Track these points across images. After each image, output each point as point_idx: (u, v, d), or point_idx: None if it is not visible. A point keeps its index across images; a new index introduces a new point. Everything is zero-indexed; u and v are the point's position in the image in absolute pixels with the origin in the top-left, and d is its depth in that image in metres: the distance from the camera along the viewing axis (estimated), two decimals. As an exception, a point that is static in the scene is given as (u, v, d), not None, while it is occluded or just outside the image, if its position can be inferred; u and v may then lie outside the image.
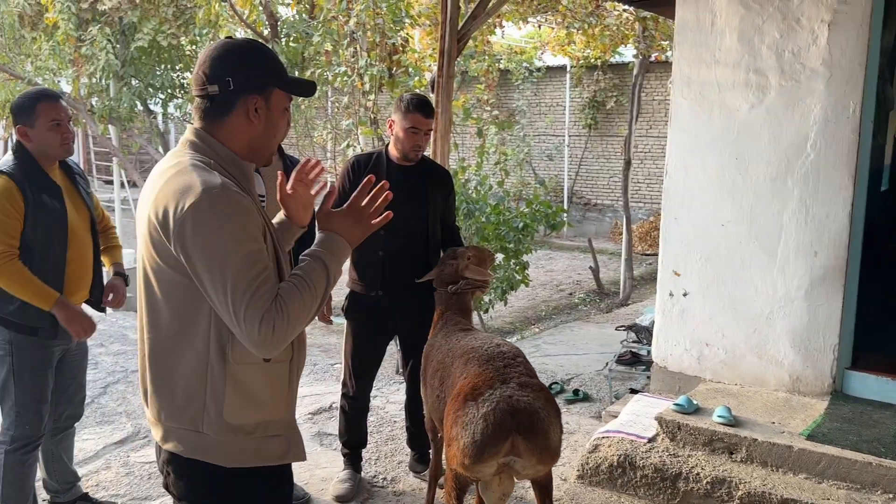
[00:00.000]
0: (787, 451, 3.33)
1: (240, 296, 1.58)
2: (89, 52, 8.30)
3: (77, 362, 3.23)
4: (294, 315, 1.62)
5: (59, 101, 2.99)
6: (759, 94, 3.94)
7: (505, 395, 2.41)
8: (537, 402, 2.42)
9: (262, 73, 1.74)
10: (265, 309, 1.59)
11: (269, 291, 1.61)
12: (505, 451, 2.36)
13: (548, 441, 2.40)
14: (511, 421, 2.35)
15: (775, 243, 3.95)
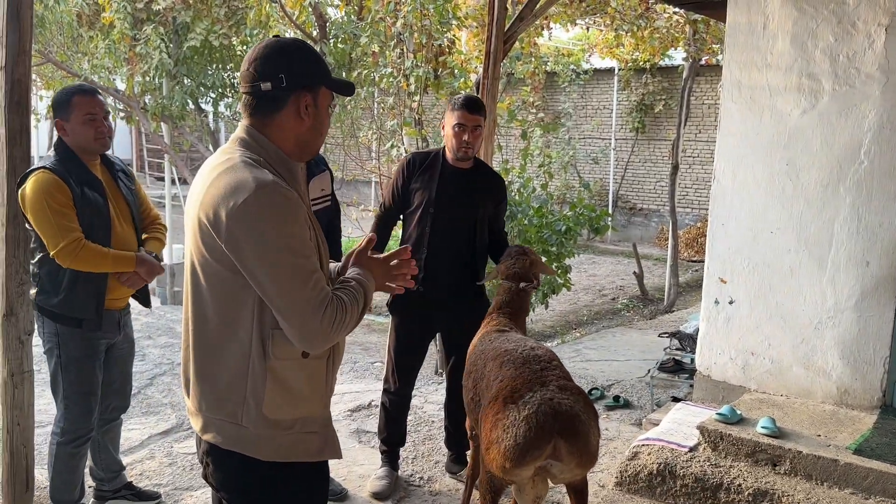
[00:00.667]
0: (833, 464, 3.25)
1: (299, 289, 1.62)
2: (143, 51, 8.50)
3: (124, 355, 3.29)
4: (349, 314, 1.70)
5: (95, 95, 3.03)
6: (812, 98, 3.85)
7: (546, 397, 2.40)
8: (578, 405, 2.41)
9: (312, 71, 1.78)
10: (326, 301, 1.66)
11: (324, 285, 1.68)
12: (547, 454, 2.35)
13: (588, 444, 2.39)
14: (553, 423, 2.34)
15: (825, 252, 3.85)
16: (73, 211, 2.92)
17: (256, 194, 1.62)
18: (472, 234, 3.52)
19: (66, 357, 3.04)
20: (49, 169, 2.91)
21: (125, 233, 3.12)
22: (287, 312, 1.64)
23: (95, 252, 2.93)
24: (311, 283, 1.64)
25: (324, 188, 3.37)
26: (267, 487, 1.78)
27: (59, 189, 2.88)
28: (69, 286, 2.98)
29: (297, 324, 1.64)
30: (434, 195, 3.45)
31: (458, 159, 3.47)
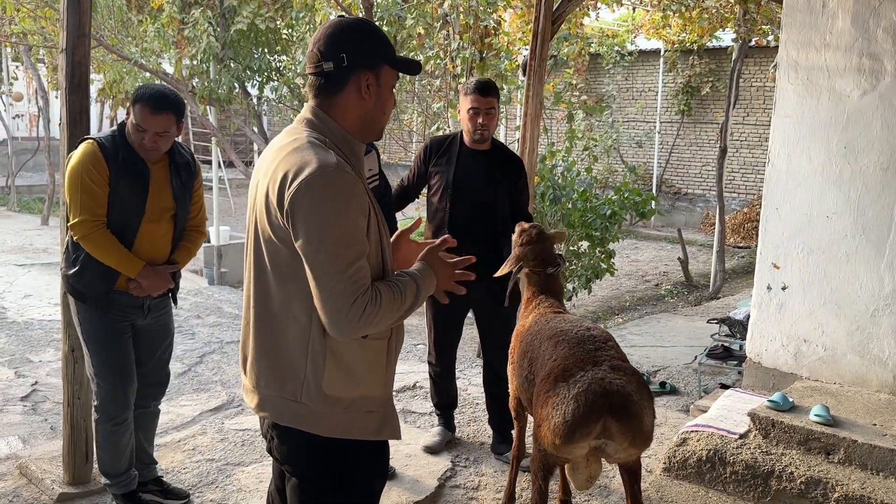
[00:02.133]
0: (890, 454, 3.18)
1: (336, 274, 1.62)
2: (191, 35, 8.61)
3: (152, 339, 3.16)
4: (383, 310, 1.68)
5: (160, 113, 2.83)
6: (873, 79, 3.73)
7: (597, 377, 2.39)
8: (630, 385, 2.39)
9: (373, 50, 1.78)
10: (360, 291, 1.64)
11: (364, 277, 1.66)
12: (596, 433, 2.34)
13: (641, 424, 2.37)
14: (603, 402, 2.33)
15: (884, 237, 3.75)
16: (106, 191, 2.84)
17: (319, 174, 1.64)
18: (492, 215, 3.64)
19: (86, 332, 3.00)
20: (98, 143, 2.85)
21: (157, 232, 2.99)
22: (319, 296, 1.66)
23: (106, 243, 2.86)
24: (349, 271, 1.63)
25: (371, 168, 3.40)
26: (329, 463, 1.80)
27: (97, 165, 2.81)
28: (84, 262, 2.92)
29: (324, 308, 1.65)
30: (452, 177, 3.62)
31: (474, 141, 3.61)
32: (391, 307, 1.71)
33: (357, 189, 1.69)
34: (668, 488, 3.46)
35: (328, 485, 1.81)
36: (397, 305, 1.73)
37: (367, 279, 1.68)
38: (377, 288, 1.70)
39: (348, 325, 1.65)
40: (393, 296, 1.72)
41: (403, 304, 1.74)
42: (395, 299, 1.72)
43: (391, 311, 1.71)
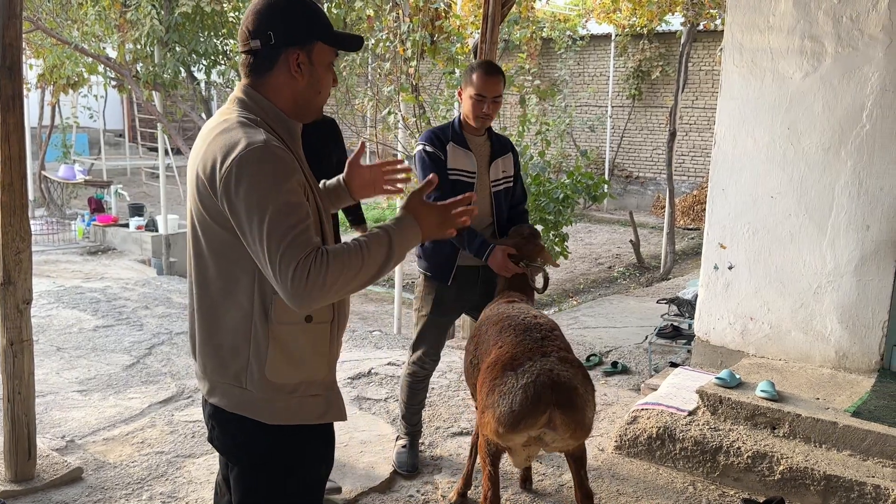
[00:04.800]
0: (832, 427, 3.27)
1: (275, 243, 1.57)
2: (134, 18, 8.36)
3: None
4: (334, 271, 1.58)
5: None
6: (814, 61, 3.81)
7: (545, 368, 2.41)
8: (577, 379, 2.43)
9: (304, 27, 1.72)
10: (301, 256, 1.56)
11: (306, 241, 1.58)
12: (541, 424, 2.37)
13: (583, 417, 2.42)
14: (551, 395, 2.35)
15: (826, 216, 3.84)
16: None
17: (247, 152, 1.60)
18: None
19: None
20: None
21: None
22: (268, 269, 1.60)
23: None
24: (286, 239, 1.56)
25: (505, 170, 3.34)
26: (271, 450, 1.78)
27: None
28: None
29: (276, 281, 1.58)
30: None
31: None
32: (348, 265, 1.60)
33: (288, 162, 1.64)
34: (620, 466, 3.51)
35: (273, 473, 1.79)
36: (357, 263, 1.61)
37: (308, 243, 1.58)
38: (323, 249, 1.60)
39: (297, 292, 1.56)
40: (348, 254, 1.61)
41: (369, 261, 1.63)
42: (351, 255, 1.61)
43: (349, 271, 1.60)
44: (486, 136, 3.35)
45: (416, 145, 3.37)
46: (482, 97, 3.15)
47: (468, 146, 3.25)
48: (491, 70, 3.20)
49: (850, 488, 3.05)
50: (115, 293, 6.89)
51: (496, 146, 3.35)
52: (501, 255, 3.12)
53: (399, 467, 3.48)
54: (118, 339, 5.47)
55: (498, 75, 3.20)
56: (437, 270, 3.32)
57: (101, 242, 9.97)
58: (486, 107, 3.17)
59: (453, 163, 3.22)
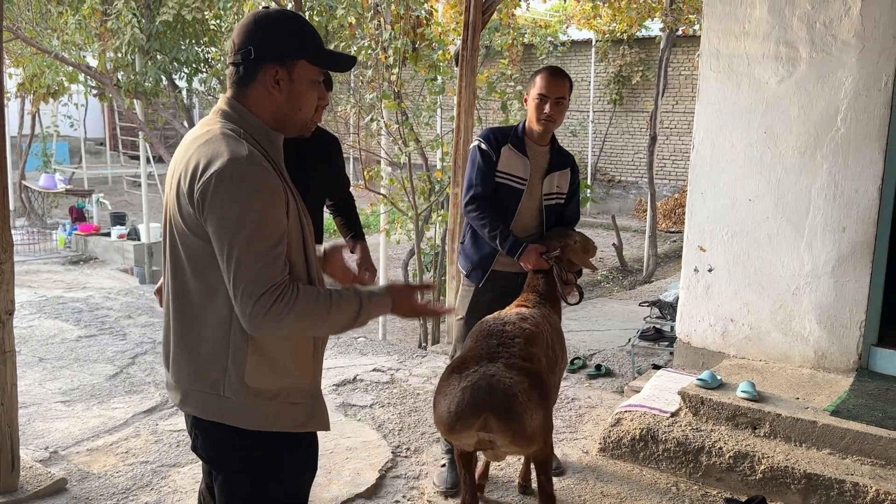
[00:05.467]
0: (812, 426, 3.32)
1: (244, 266, 1.59)
2: (115, 27, 8.34)
3: None
4: (298, 311, 1.62)
5: None
6: (789, 66, 3.87)
7: (488, 373, 2.42)
8: (519, 386, 2.40)
9: (284, 44, 1.72)
10: (269, 287, 1.59)
11: (275, 272, 1.61)
12: (477, 427, 2.37)
13: (521, 425, 2.37)
14: (486, 399, 2.36)
15: (803, 218, 3.90)
16: None
17: (228, 166, 1.60)
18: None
19: None
20: None
21: None
22: (230, 287, 1.62)
23: None
24: (257, 264, 1.59)
25: (559, 185, 3.28)
26: (252, 457, 1.78)
27: None
28: None
29: (236, 300, 1.61)
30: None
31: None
32: (311, 313, 1.65)
33: (270, 181, 1.65)
34: (604, 468, 3.54)
35: (255, 480, 1.79)
36: (322, 314, 1.66)
37: (279, 274, 1.62)
38: (296, 288, 1.64)
39: (254, 318, 1.60)
40: (316, 302, 1.65)
41: (333, 316, 1.68)
42: (318, 306, 1.66)
43: (312, 318, 1.65)
44: (549, 148, 3.29)
45: (473, 140, 3.35)
46: (544, 97, 3.14)
47: (526, 152, 3.21)
48: (555, 72, 3.21)
49: (830, 486, 3.10)
50: (98, 303, 6.85)
51: (555, 159, 3.29)
52: (535, 253, 3.11)
53: (439, 485, 3.36)
54: (101, 349, 5.44)
55: (562, 77, 3.20)
56: (473, 270, 3.30)
57: (83, 252, 9.90)
58: (548, 107, 3.14)
59: (505, 165, 3.20)
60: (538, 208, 3.26)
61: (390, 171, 7.45)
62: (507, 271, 3.24)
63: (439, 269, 6.96)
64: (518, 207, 3.21)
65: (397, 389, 4.60)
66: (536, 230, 3.28)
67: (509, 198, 3.22)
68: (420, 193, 7.00)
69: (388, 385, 4.68)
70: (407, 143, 6.80)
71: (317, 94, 1.80)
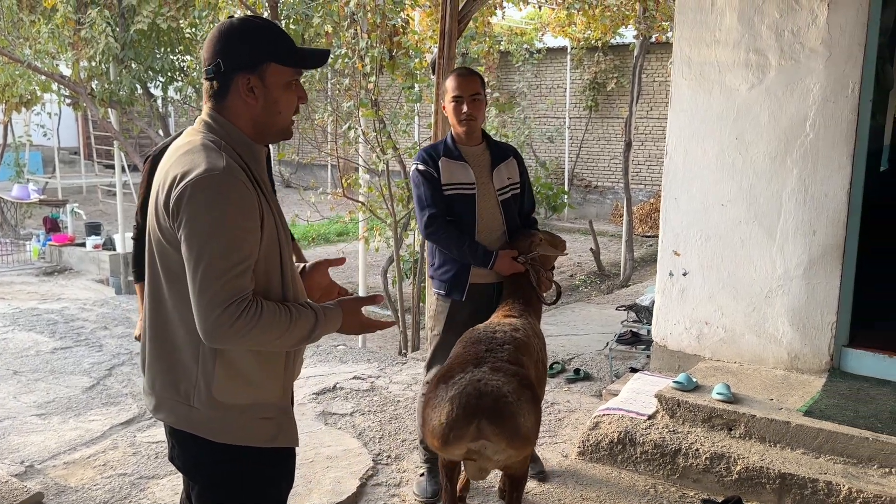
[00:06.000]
0: (785, 426, 3.38)
1: (210, 279, 1.60)
2: (88, 35, 8.28)
3: None
4: (262, 327, 1.63)
5: None
6: (759, 73, 3.95)
7: (474, 378, 2.39)
8: (507, 386, 2.38)
9: (252, 51, 1.72)
10: (234, 300, 1.60)
11: (241, 285, 1.62)
12: (471, 435, 2.33)
13: (516, 425, 2.35)
14: (476, 404, 2.32)
15: (774, 222, 3.98)
16: None
17: (203, 178, 1.61)
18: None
19: None
20: None
21: None
22: (192, 300, 1.62)
23: None
24: (223, 277, 1.59)
25: (510, 176, 3.29)
26: (226, 469, 1.78)
27: None
28: None
29: (196, 314, 1.62)
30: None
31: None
32: (273, 328, 1.65)
33: (244, 194, 1.65)
34: (583, 471, 3.58)
35: (231, 491, 1.79)
36: (282, 329, 1.67)
37: (245, 288, 1.63)
38: (260, 302, 1.65)
39: (216, 332, 1.60)
40: (278, 317, 1.66)
41: (291, 332, 1.69)
42: (279, 321, 1.66)
43: (272, 332, 1.65)
44: (485, 146, 3.29)
45: (410, 165, 3.31)
46: (459, 98, 3.14)
47: (463, 158, 3.21)
48: (463, 72, 3.22)
49: (804, 486, 3.16)
50: (73, 314, 6.78)
51: (495, 153, 3.30)
52: (507, 259, 3.13)
53: (418, 494, 3.37)
54: (77, 361, 5.39)
55: (472, 75, 3.20)
56: (450, 288, 3.27)
57: (58, 263, 9.79)
58: (465, 106, 3.13)
59: (448, 177, 3.18)
60: (497, 206, 3.26)
61: (368, 179, 7.46)
62: (483, 283, 3.24)
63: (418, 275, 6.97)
64: (476, 212, 3.22)
65: (378, 397, 4.61)
66: (501, 227, 3.28)
67: (465, 206, 3.21)
68: (398, 200, 7.02)
69: (369, 393, 4.68)
70: (385, 150, 6.81)
71: (296, 96, 1.79)
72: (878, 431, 3.24)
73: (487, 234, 3.23)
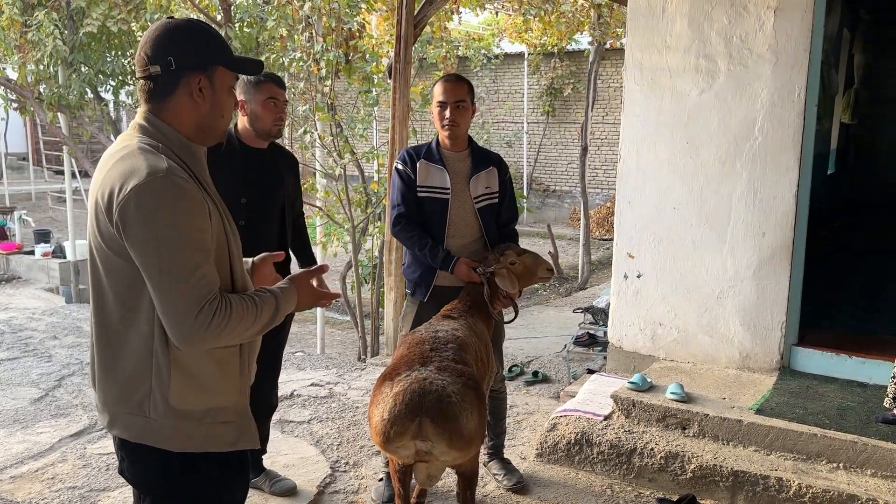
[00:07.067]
0: (738, 425, 3.44)
1: (176, 283, 1.58)
2: (36, 38, 8.08)
3: None
4: (234, 322, 1.64)
5: None
6: (709, 78, 4.03)
7: (420, 376, 2.38)
8: (452, 387, 2.37)
9: (204, 51, 1.72)
10: (206, 300, 1.60)
11: (208, 285, 1.62)
12: (412, 433, 2.31)
13: (458, 426, 2.33)
14: (419, 402, 2.30)
15: (725, 224, 4.05)
16: None
17: (147, 182, 1.58)
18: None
19: None
20: None
21: None
22: (161, 307, 1.60)
23: None
24: (191, 279, 1.59)
25: (489, 185, 3.26)
26: (181, 480, 1.75)
27: None
28: None
29: (168, 319, 1.60)
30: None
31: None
32: (244, 319, 1.67)
33: (190, 193, 1.63)
34: (541, 472, 3.59)
35: (184, 502, 1.76)
36: (251, 318, 1.68)
37: (212, 287, 1.63)
38: (228, 297, 1.65)
39: (194, 336, 1.60)
40: (246, 308, 1.67)
41: (259, 319, 1.70)
42: (248, 312, 1.68)
43: (244, 324, 1.67)
44: (468, 153, 3.32)
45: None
46: (444, 104, 3.17)
47: (443, 163, 3.23)
48: (451, 78, 3.25)
49: (756, 482, 3.22)
50: (21, 324, 6.59)
51: (477, 161, 3.30)
52: (466, 267, 3.13)
53: (376, 499, 3.36)
54: (25, 372, 5.23)
55: (459, 81, 3.23)
56: (416, 288, 3.31)
57: (5, 271, 9.52)
58: (449, 112, 3.16)
59: (423, 179, 3.21)
60: (473, 213, 3.28)
61: (325, 184, 7.41)
62: (449, 286, 3.24)
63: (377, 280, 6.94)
64: (448, 217, 3.23)
65: (336, 403, 4.57)
66: (478, 233, 3.30)
67: (436, 209, 3.23)
68: (356, 205, 6.98)
69: (327, 399, 4.64)
70: (342, 154, 6.78)
71: (233, 101, 1.81)
72: (826, 428, 3.32)
73: (458, 240, 3.25)
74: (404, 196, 3.24)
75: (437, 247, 3.18)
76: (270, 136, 3.15)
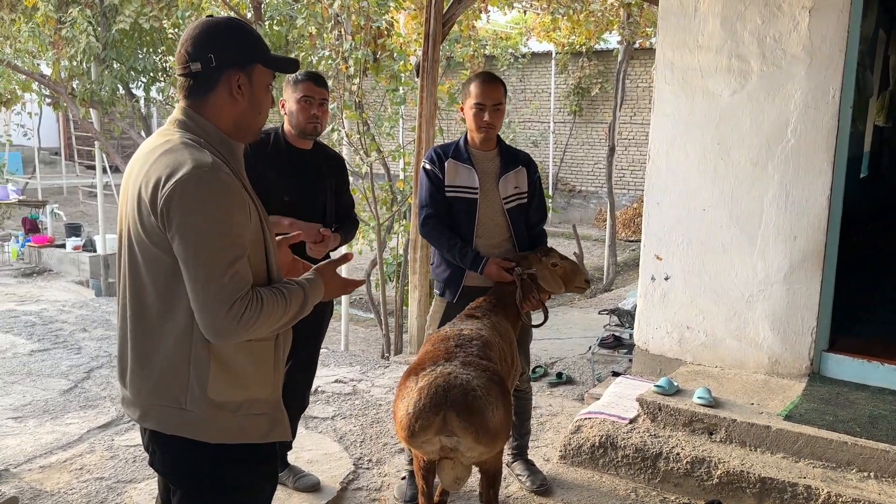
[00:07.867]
0: (766, 431, 3.39)
1: (213, 277, 1.60)
2: (70, 35, 8.20)
3: None
4: (265, 314, 1.67)
5: None
6: (741, 79, 3.97)
7: (445, 371, 2.38)
8: (477, 381, 2.36)
9: (243, 49, 1.75)
10: (238, 295, 1.62)
11: (242, 280, 1.64)
12: (437, 427, 2.30)
13: (483, 420, 2.32)
14: (444, 396, 2.30)
15: (755, 227, 4.00)
16: None
17: (193, 175, 1.61)
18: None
19: None
20: None
21: None
22: (195, 300, 1.62)
23: None
24: (227, 273, 1.61)
25: (518, 185, 3.25)
26: (214, 471, 1.76)
27: None
28: None
29: (201, 311, 1.62)
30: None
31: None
32: (274, 312, 1.69)
33: (234, 189, 1.66)
34: (565, 475, 3.57)
35: (215, 494, 1.78)
36: (281, 311, 1.71)
37: (246, 282, 1.65)
38: (259, 292, 1.68)
39: (227, 328, 1.62)
40: (276, 301, 1.70)
41: (288, 311, 1.74)
42: (278, 305, 1.70)
43: (273, 317, 1.70)
44: (497, 152, 3.29)
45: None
46: (482, 106, 3.14)
47: (471, 162, 3.21)
48: (489, 78, 3.21)
49: (784, 490, 3.17)
50: (52, 316, 6.70)
51: (506, 161, 3.28)
52: (496, 267, 3.11)
53: (398, 497, 3.36)
54: (55, 364, 5.32)
55: (496, 83, 3.19)
56: (445, 288, 3.29)
57: (37, 264, 9.68)
58: (487, 115, 3.14)
59: (452, 179, 3.19)
60: (501, 213, 3.25)
61: (352, 182, 7.43)
62: (479, 286, 3.22)
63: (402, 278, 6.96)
64: (477, 217, 3.22)
65: (359, 400, 4.58)
66: (507, 233, 3.27)
67: (465, 210, 3.22)
68: (382, 203, 7.00)
69: (350, 396, 4.66)
70: (368, 153, 6.80)
71: (270, 99, 1.84)
72: (856, 436, 3.26)
73: (487, 240, 3.23)
74: (433, 196, 3.22)
75: (466, 247, 3.16)
76: (306, 134, 3.15)
